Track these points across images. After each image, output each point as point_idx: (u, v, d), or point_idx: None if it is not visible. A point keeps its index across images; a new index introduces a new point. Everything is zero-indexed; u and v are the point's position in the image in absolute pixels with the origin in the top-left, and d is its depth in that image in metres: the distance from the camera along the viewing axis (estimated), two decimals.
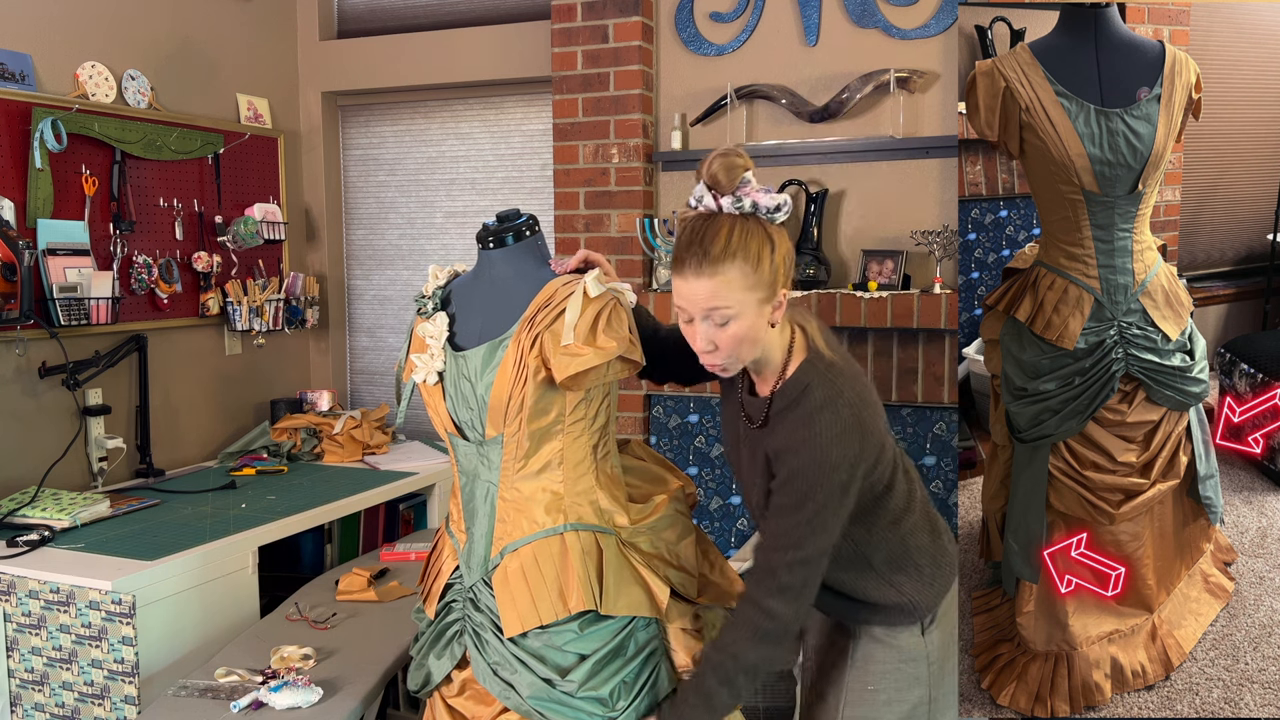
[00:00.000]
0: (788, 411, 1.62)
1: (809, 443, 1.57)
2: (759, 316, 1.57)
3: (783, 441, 1.61)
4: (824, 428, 1.57)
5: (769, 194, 1.56)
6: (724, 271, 1.53)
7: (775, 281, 1.57)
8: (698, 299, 1.55)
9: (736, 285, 1.53)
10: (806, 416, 1.59)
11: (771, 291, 1.57)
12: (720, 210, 1.56)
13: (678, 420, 3.56)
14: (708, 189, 1.56)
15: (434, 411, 1.78)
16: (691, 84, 3.54)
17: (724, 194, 1.56)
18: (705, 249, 1.53)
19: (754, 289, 1.54)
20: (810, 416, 1.58)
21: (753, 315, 1.56)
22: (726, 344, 1.58)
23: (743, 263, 1.53)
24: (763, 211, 1.56)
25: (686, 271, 1.55)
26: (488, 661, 1.73)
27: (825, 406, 1.59)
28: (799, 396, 1.62)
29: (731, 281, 1.53)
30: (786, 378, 1.65)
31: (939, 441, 3.25)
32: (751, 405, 1.72)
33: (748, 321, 1.56)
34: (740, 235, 1.54)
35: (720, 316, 1.55)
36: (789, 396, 1.63)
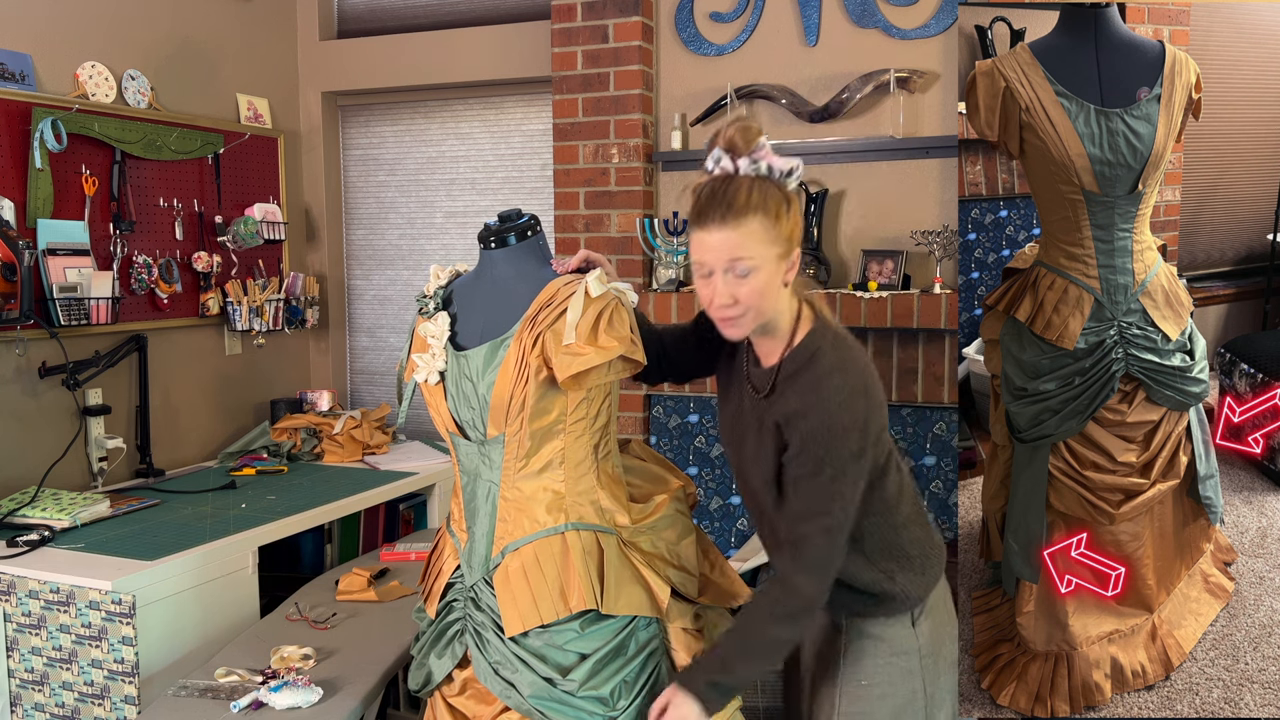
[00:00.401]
0: (797, 376, 1.65)
1: (819, 406, 1.60)
2: (775, 273, 1.62)
3: (794, 406, 1.63)
4: (835, 391, 1.61)
5: (781, 158, 1.62)
6: (746, 223, 1.58)
7: (791, 238, 1.62)
8: (721, 250, 1.59)
9: (758, 237, 1.58)
10: (817, 380, 1.62)
11: (788, 248, 1.62)
12: (738, 171, 1.61)
13: (678, 420, 3.56)
14: (725, 152, 1.62)
15: (435, 411, 1.78)
16: (691, 84, 3.54)
17: (740, 156, 1.61)
18: (729, 202, 1.58)
19: (773, 243, 1.60)
20: (821, 380, 1.62)
21: (771, 270, 1.61)
22: (746, 297, 1.61)
23: (763, 216, 1.58)
24: (777, 174, 1.61)
25: (710, 224, 1.59)
26: (489, 661, 1.73)
27: (836, 371, 1.62)
28: (809, 361, 1.65)
29: (753, 233, 1.58)
30: (795, 344, 1.68)
31: (939, 441, 3.25)
32: (758, 375, 1.74)
33: (766, 275, 1.60)
34: (760, 192, 1.59)
35: (742, 268, 1.59)
36: (798, 361, 1.66)
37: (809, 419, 1.60)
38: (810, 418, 1.60)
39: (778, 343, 1.70)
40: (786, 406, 1.64)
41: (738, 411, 1.79)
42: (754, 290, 1.60)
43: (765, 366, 1.73)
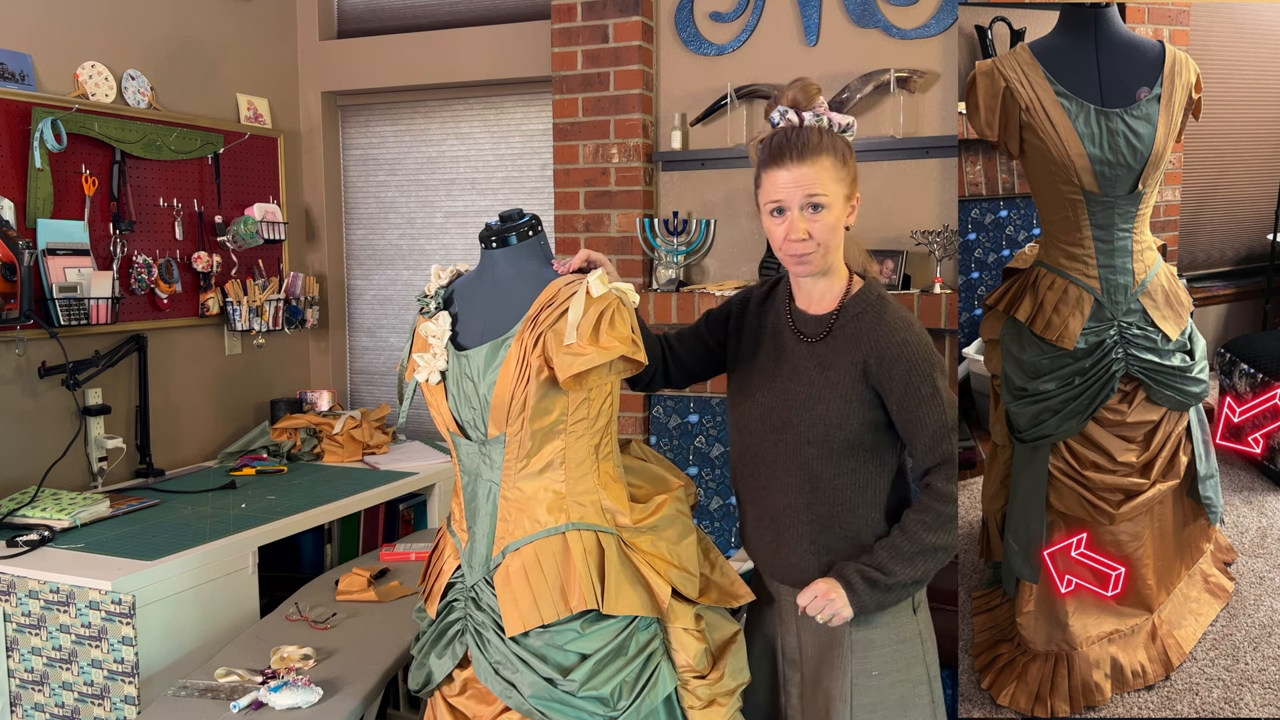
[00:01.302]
0: (867, 316, 1.79)
1: (914, 340, 1.76)
2: (843, 211, 1.77)
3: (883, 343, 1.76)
4: (916, 326, 1.78)
5: (839, 114, 1.78)
6: (821, 160, 1.73)
7: (854, 182, 1.78)
8: (799, 186, 1.72)
9: (831, 174, 1.74)
10: (899, 318, 1.78)
11: (852, 190, 1.78)
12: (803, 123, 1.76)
13: (678, 420, 3.56)
14: (789, 107, 1.77)
15: (436, 411, 1.78)
16: (691, 84, 3.54)
17: (804, 110, 1.77)
18: (804, 142, 1.74)
19: (842, 182, 1.75)
20: (902, 318, 1.78)
21: (840, 208, 1.76)
22: (819, 233, 1.74)
23: (833, 156, 1.74)
24: (836, 127, 1.77)
25: (787, 161, 1.73)
26: (489, 661, 1.73)
27: (911, 320, 1.79)
28: (878, 302, 1.80)
29: (827, 169, 1.73)
30: (852, 293, 1.82)
31: None
32: (808, 322, 1.84)
33: (836, 213, 1.75)
34: (828, 137, 1.75)
35: (816, 202, 1.73)
36: (865, 303, 1.80)
37: (911, 349, 1.75)
38: (912, 347, 1.75)
39: (832, 287, 1.83)
40: (872, 345, 1.76)
41: (778, 367, 1.86)
42: (826, 226, 1.74)
43: (816, 313, 1.84)
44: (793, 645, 1.93)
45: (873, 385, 1.78)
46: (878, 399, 1.79)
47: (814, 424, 1.79)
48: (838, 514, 1.82)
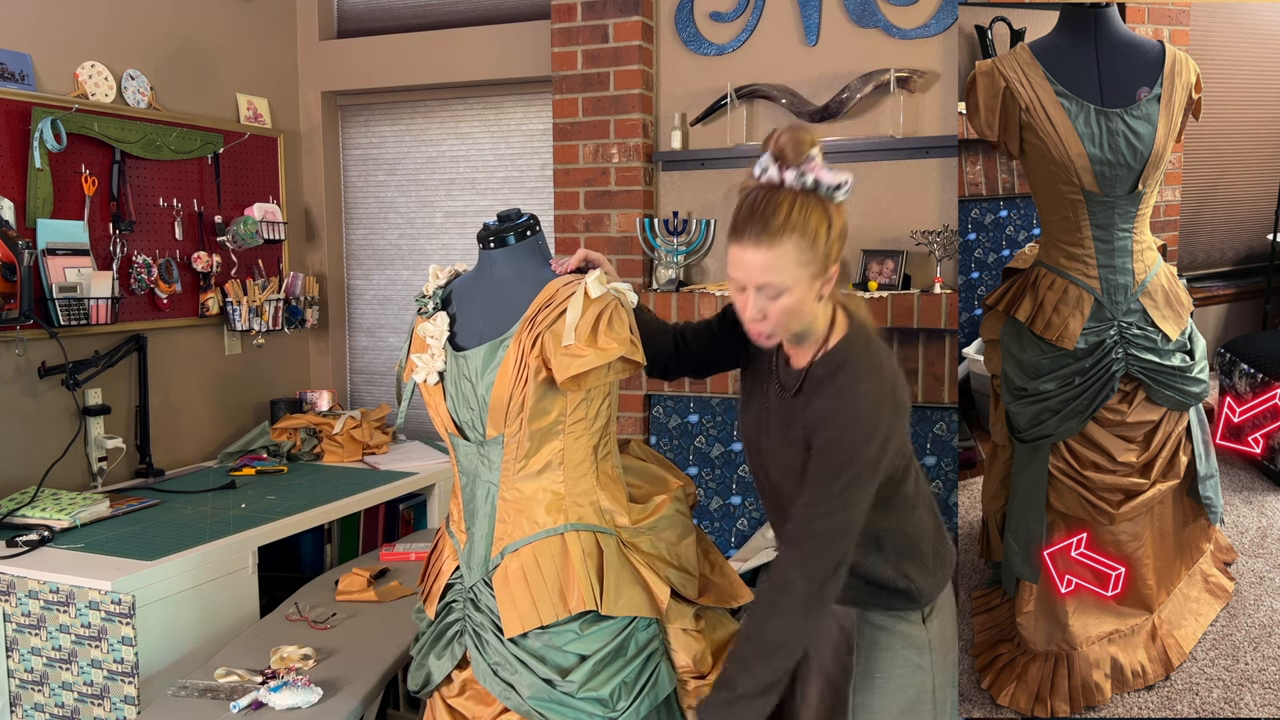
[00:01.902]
0: (827, 381, 1.65)
1: (849, 411, 1.59)
2: (809, 291, 1.60)
3: (822, 410, 1.63)
4: (861, 399, 1.60)
5: (832, 171, 1.58)
6: (780, 245, 1.55)
7: (829, 257, 1.59)
8: (753, 270, 1.57)
9: (791, 260, 1.55)
10: (844, 387, 1.62)
11: (824, 267, 1.59)
12: (783, 184, 1.58)
13: (678, 420, 3.56)
14: (773, 160, 1.58)
15: (434, 411, 1.78)
16: (691, 84, 3.53)
17: (789, 167, 1.57)
18: (765, 221, 1.55)
19: (807, 265, 1.57)
20: (848, 387, 1.61)
21: (804, 290, 1.59)
22: (775, 315, 1.60)
23: (799, 238, 1.55)
24: (825, 189, 1.58)
25: (745, 241, 1.57)
26: (488, 662, 1.73)
27: (866, 377, 1.62)
28: (840, 366, 1.64)
29: (787, 255, 1.55)
30: (828, 348, 1.68)
31: (939, 441, 3.25)
32: (787, 374, 1.74)
33: (798, 295, 1.59)
34: (800, 211, 1.55)
35: (773, 290, 1.58)
36: (830, 365, 1.66)
37: (836, 425, 1.60)
38: (836, 423, 1.60)
39: (811, 345, 1.70)
40: (815, 411, 1.64)
41: (763, 406, 1.79)
42: (784, 309, 1.60)
43: (795, 367, 1.73)
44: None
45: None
46: None
47: (782, 475, 1.74)
48: None
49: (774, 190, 1.58)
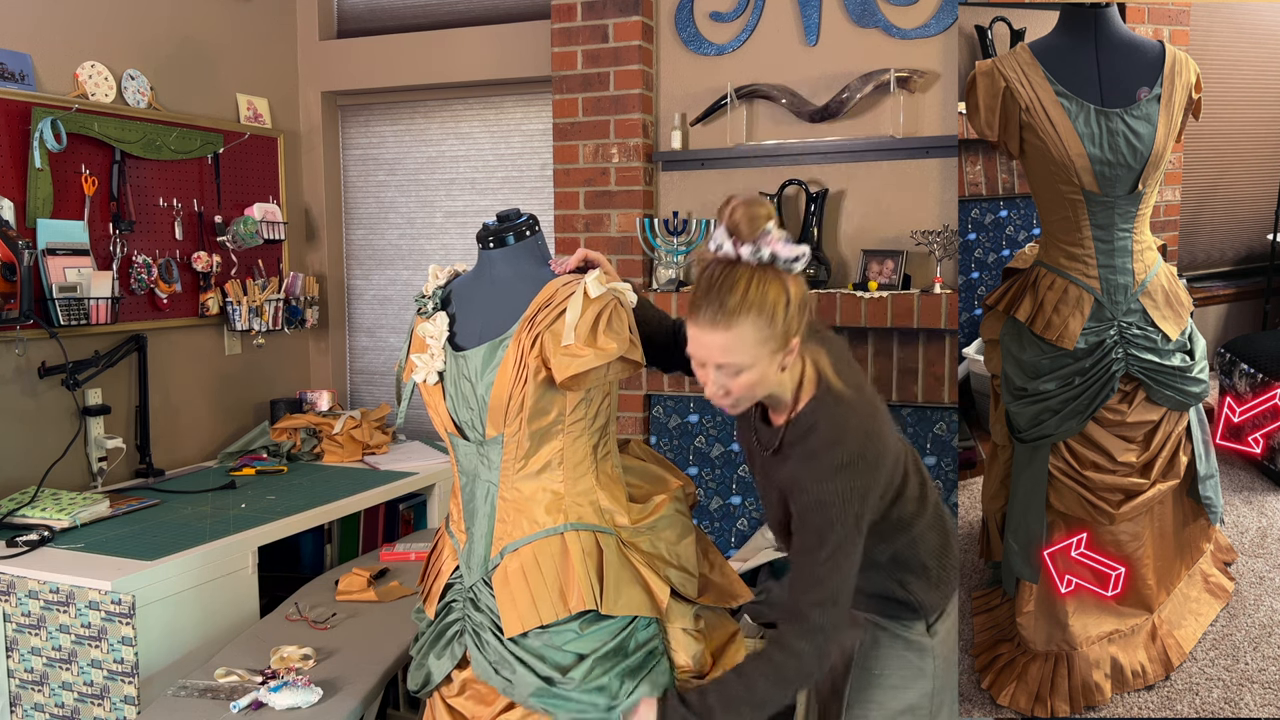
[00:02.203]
0: (797, 446, 1.64)
1: (819, 482, 1.58)
2: (770, 365, 1.58)
3: (792, 477, 1.63)
4: (830, 467, 1.58)
5: (788, 244, 1.55)
6: (738, 325, 1.52)
7: (789, 332, 1.56)
8: (712, 350, 1.55)
9: (750, 340, 1.53)
10: (813, 454, 1.61)
11: (784, 342, 1.56)
12: (739, 259, 1.54)
13: (678, 420, 3.56)
14: (728, 235, 1.54)
15: (434, 411, 1.78)
16: (691, 84, 3.53)
17: (744, 242, 1.53)
18: (721, 301, 1.52)
19: (766, 342, 1.54)
20: (816, 455, 1.60)
21: (764, 366, 1.57)
22: (738, 390, 1.59)
23: (757, 317, 1.52)
24: (782, 262, 1.54)
25: (702, 321, 1.54)
26: (488, 661, 1.73)
27: (833, 443, 1.60)
28: (808, 430, 1.63)
29: (745, 336, 1.53)
30: (798, 411, 1.66)
31: (939, 441, 3.25)
32: (764, 433, 1.74)
33: (759, 372, 1.57)
34: (758, 288, 1.52)
35: (733, 369, 1.56)
36: (799, 430, 1.65)
37: (809, 494, 1.59)
38: (810, 493, 1.59)
39: (783, 407, 1.69)
40: (786, 476, 1.64)
41: (750, 455, 1.81)
42: (745, 384, 1.58)
43: (773, 425, 1.72)
44: None
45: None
46: None
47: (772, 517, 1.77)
48: None
49: (730, 266, 1.54)
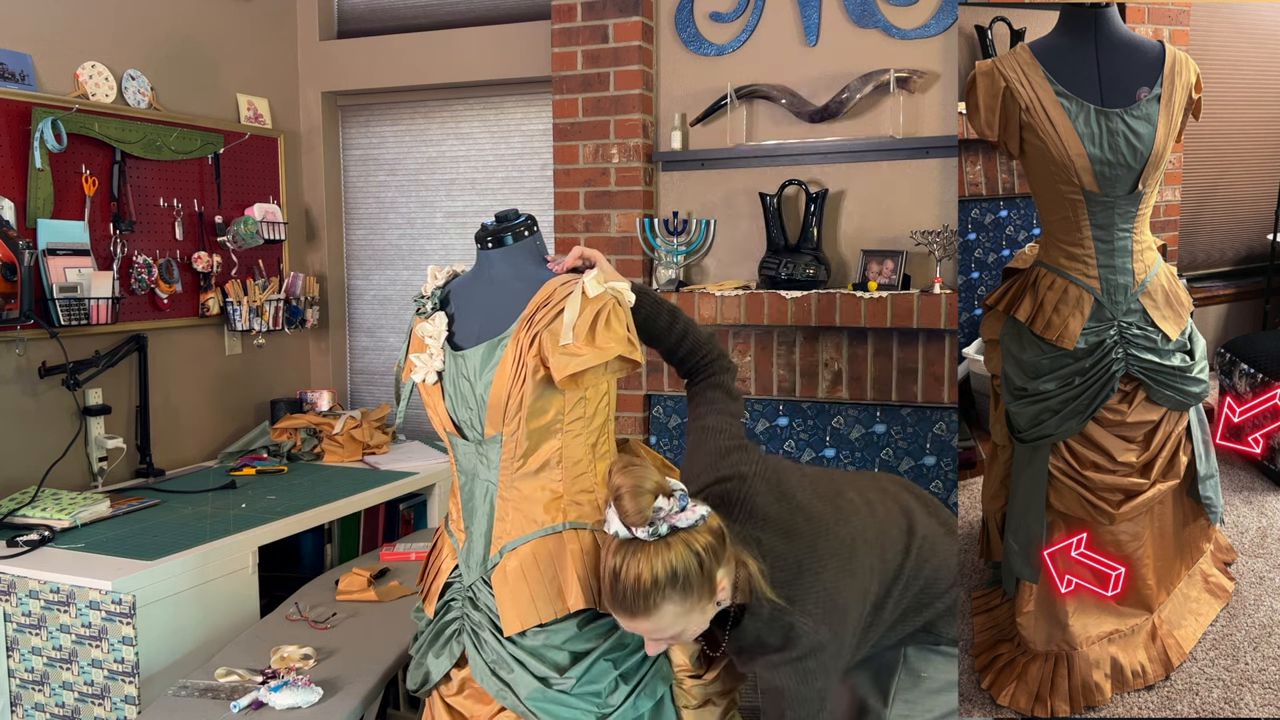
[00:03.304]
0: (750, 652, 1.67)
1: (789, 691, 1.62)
2: (703, 614, 1.58)
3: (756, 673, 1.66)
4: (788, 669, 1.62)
5: (686, 511, 1.53)
6: (657, 611, 1.52)
7: (709, 582, 1.55)
8: (645, 631, 1.57)
9: (674, 613, 1.53)
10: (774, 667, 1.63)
11: (709, 590, 1.55)
12: (637, 538, 1.52)
13: (678, 420, 3.56)
14: (622, 524, 1.52)
15: (433, 411, 1.79)
16: (691, 84, 3.54)
17: (639, 527, 1.51)
18: (634, 601, 1.51)
19: (691, 610, 1.54)
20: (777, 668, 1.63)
21: (697, 617, 1.57)
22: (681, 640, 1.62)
23: (672, 593, 1.51)
24: (685, 526, 1.53)
25: (622, 615, 1.55)
26: (485, 660, 1.73)
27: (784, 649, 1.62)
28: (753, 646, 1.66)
29: (666, 613, 1.52)
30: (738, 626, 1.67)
31: (939, 441, 3.25)
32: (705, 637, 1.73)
33: (694, 624, 1.58)
34: (664, 566, 1.50)
35: (667, 638, 1.58)
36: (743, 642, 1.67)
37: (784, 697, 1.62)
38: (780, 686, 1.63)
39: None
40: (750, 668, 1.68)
41: None
42: (684, 637, 1.60)
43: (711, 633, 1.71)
44: None
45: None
46: None
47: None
48: None
49: (631, 553, 1.51)
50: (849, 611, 1.65)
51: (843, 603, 1.64)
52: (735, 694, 1.84)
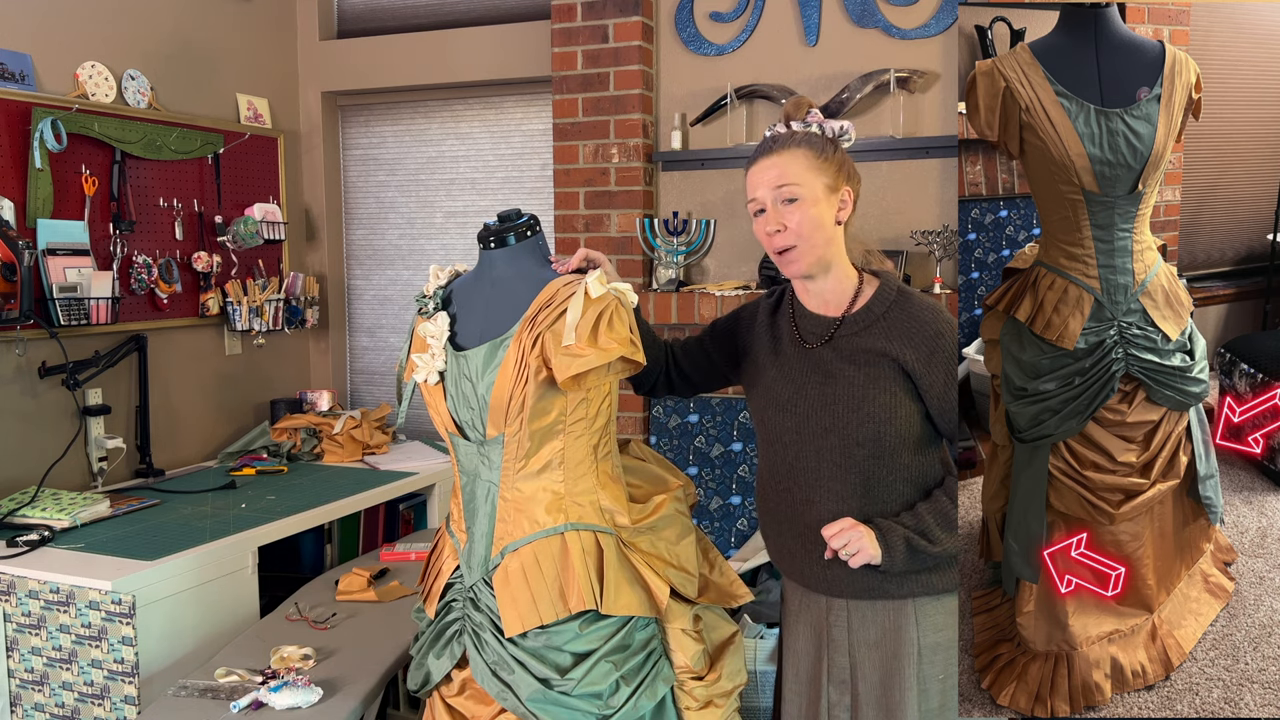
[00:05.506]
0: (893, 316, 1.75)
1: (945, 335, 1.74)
2: (827, 205, 1.72)
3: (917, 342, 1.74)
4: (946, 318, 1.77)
5: (834, 121, 1.77)
6: (792, 151, 1.71)
7: (840, 173, 1.74)
8: (767, 176, 1.72)
9: (803, 164, 1.71)
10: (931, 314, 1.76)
11: (836, 181, 1.73)
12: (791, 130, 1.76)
13: (678, 420, 3.56)
14: (782, 121, 1.77)
15: (435, 411, 1.78)
16: (691, 84, 3.54)
17: (795, 120, 1.76)
18: (774, 141, 1.74)
19: (819, 172, 1.71)
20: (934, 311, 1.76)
21: (820, 199, 1.72)
22: (796, 225, 1.71)
23: (807, 148, 1.72)
24: (828, 132, 1.75)
25: (758, 161, 1.74)
26: (486, 661, 1.73)
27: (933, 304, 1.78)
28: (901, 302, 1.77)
29: (799, 159, 1.71)
30: (868, 293, 1.79)
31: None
32: (818, 323, 1.81)
33: (816, 206, 1.71)
34: (807, 135, 1.73)
35: (788, 193, 1.70)
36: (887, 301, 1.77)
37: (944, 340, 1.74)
38: (945, 339, 1.74)
39: (840, 286, 1.79)
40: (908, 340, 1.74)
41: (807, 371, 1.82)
42: (804, 218, 1.70)
43: (826, 315, 1.80)
44: (843, 665, 1.85)
45: (913, 379, 1.76)
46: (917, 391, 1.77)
47: (861, 423, 1.75)
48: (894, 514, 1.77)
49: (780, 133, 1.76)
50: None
51: None
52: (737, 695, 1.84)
